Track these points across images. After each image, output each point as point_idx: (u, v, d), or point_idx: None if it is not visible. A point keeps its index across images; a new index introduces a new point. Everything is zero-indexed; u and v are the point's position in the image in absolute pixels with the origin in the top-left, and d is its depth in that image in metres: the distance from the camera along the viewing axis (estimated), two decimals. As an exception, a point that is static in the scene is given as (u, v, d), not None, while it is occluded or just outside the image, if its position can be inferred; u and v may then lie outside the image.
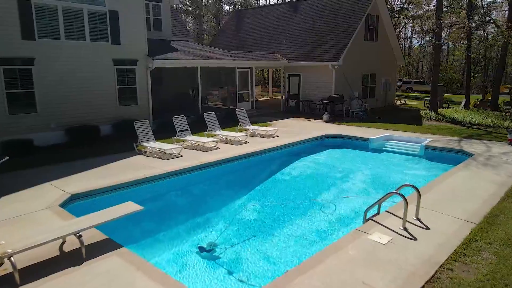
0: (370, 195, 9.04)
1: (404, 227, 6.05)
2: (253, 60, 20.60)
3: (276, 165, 11.50)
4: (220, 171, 10.48)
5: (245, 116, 15.53)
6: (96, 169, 9.81)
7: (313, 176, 10.57)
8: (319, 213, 7.93)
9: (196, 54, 18.03)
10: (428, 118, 20.16)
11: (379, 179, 10.23)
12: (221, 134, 13.65)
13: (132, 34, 15.24)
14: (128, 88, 15.44)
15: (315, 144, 13.88)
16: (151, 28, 18.58)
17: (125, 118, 15.03)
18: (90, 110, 14.23)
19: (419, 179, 10.11)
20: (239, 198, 8.90)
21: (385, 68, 24.74)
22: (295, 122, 18.43)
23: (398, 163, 11.72)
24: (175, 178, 9.52)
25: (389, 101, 25.69)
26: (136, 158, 11.07)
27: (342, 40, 20.67)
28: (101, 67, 14.44)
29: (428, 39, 60.06)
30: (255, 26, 27.61)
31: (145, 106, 16.02)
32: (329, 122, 18.28)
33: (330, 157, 12.62)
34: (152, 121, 16.24)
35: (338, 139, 14.43)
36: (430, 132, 15.46)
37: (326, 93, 20.51)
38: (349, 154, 13.03)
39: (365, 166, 11.40)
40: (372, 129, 16.06)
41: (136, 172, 9.35)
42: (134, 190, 8.65)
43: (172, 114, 16.58)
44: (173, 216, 8.16)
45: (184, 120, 13.34)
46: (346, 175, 10.53)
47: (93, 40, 14.13)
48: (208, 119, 14.21)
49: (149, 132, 12.24)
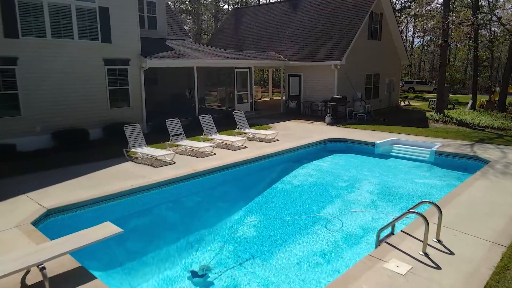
0: (379, 208, 8.23)
1: (425, 252, 5.24)
2: (252, 60, 19.78)
3: (276, 173, 10.68)
4: (215, 180, 9.66)
5: (243, 118, 14.72)
6: (80, 178, 8.99)
7: (316, 185, 9.75)
8: (324, 230, 7.11)
9: (192, 54, 17.22)
10: (434, 120, 19.36)
11: (387, 189, 9.40)
12: (217, 139, 12.83)
13: (124, 32, 14.42)
14: (120, 89, 14.62)
15: (317, 148, 13.07)
16: (145, 27, 17.77)
17: (117, 121, 14.22)
18: (79, 113, 13.42)
19: (432, 190, 9.30)
20: (236, 211, 8.08)
21: (389, 68, 23.93)
22: (296, 124, 17.62)
23: (407, 171, 10.90)
24: (166, 189, 8.70)
25: (393, 102, 24.87)
26: (125, 165, 10.25)
27: (345, 39, 19.85)
28: (90, 67, 13.62)
29: (430, 38, 59.35)
30: (254, 25, 26.79)
31: (138, 108, 15.20)
32: (331, 124, 17.47)
33: (333, 163, 11.80)
34: (146, 123, 15.45)
35: (342, 143, 13.61)
36: (438, 135, 14.65)
37: (328, 94, 19.70)
38: (354, 160, 12.21)
39: (371, 174, 10.58)
40: (377, 132, 15.25)
41: (123, 182, 8.53)
42: (120, 203, 7.83)
43: (168, 116, 15.85)
44: (163, 233, 7.34)
45: (178, 123, 12.52)
46: (351, 185, 9.71)
47: (82, 38, 13.31)
48: (204, 122, 13.39)
49: (140, 137, 11.43)
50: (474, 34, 23.14)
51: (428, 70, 61.79)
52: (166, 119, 12.94)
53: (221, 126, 16.12)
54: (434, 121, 19.29)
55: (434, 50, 61.32)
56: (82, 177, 9.08)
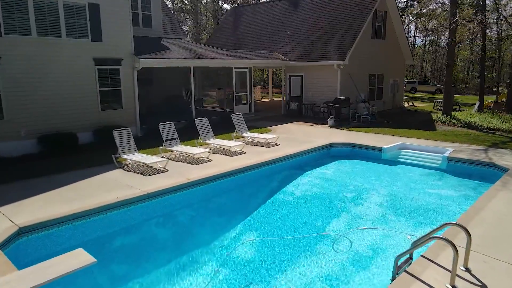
0: (390, 223, 7.44)
1: (453, 286, 4.46)
2: (252, 60, 19.00)
3: (276, 182, 9.89)
4: (210, 190, 8.87)
5: (242, 121, 13.93)
6: (62, 188, 8.20)
7: (320, 196, 8.95)
8: (330, 251, 6.32)
9: (189, 53, 16.43)
10: (441, 122, 18.58)
11: (398, 201, 8.61)
12: (214, 143, 12.04)
13: (116, 30, 13.63)
14: (112, 91, 13.83)
15: (320, 154, 12.28)
16: (139, 25, 16.97)
17: (108, 124, 13.44)
18: (67, 116, 12.63)
19: (447, 202, 8.51)
20: (233, 227, 7.29)
21: (393, 68, 23.14)
22: (297, 127, 16.84)
23: (418, 179, 10.10)
24: (156, 201, 7.91)
25: (397, 103, 24.08)
26: (113, 174, 9.46)
27: (348, 38, 19.06)
28: (80, 67, 12.84)
29: (431, 38, 58.58)
30: (254, 24, 26.00)
31: (131, 111, 14.41)
32: (334, 127, 16.69)
33: (338, 171, 11.00)
34: (139, 127, 14.67)
35: (346, 148, 12.82)
36: (447, 139, 13.86)
37: (331, 95, 18.91)
38: (360, 167, 11.41)
39: (380, 183, 9.78)
40: (383, 136, 14.47)
41: (108, 194, 7.75)
42: (103, 219, 7.04)
43: (163, 118, 15.16)
44: (151, 254, 6.55)
45: (172, 127, 11.73)
46: (358, 196, 8.92)
47: (70, 36, 12.52)
48: (200, 126, 12.60)
49: (131, 142, 10.64)
50: (481, 33, 22.34)
51: (430, 70, 61.05)
52: (161, 121, 12.21)
53: (219, 129, 15.36)
54: (441, 123, 18.50)
55: (436, 50, 60.65)
56: (65, 187, 8.29)
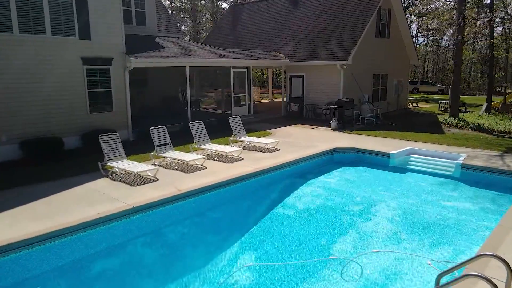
0: (404, 243, 6.62)
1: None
2: (251, 59, 18.17)
3: (277, 193, 9.06)
4: (204, 203, 8.05)
5: (239, 125, 13.10)
6: (37, 202, 7.38)
7: (324, 210, 8.11)
8: (339, 280, 5.49)
9: (184, 52, 15.61)
10: (449, 125, 17.77)
11: (411, 216, 7.78)
12: (209, 149, 11.22)
13: (106, 28, 12.81)
14: (102, 92, 13.00)
15: (324, 160, 11.45)
16: (132, 22, 16.14)
17: (98, 127, 12.61)
18: (53, 119, 11.80)
19: (466, 217, 7.68)
20: (228, 248, 6.46)
21: (397, 68, 22.31)
22: (298, 130, 16.01)
23: (430, 190, 9.26)
24: (142, 216, 7.08)
25: (401, 104, 23.25)
26: (98, 183, 8.64)
27: (351, 37, 18.24)
28: (66, 66, 12.01)
29: (433, 38, 57.77)
30: (253, 23, 25.18)
31: (122, 113, 13.58)
32: (337, 130, 15.86)
33: (343, 179, 10.17)
34: (131, 130, 13.83)
35: (351, 153, 11.99)
36: (458, 143, 13.05)
37: (333, 96, 18.09)
38: (367, 174, 10.58)
39: (389, 194, 8.95)
40: (389, 140, 13.65)
41: (90, 208, 6.93)
42: (81, 238, 6.22)
43: (157, 121, 14.46)
44: (134, 281, 5.73)
45: (164, 132, 10.90)
46: (366, 210, 8.08)
47: (56, 34, 11.69)
48: (194, 130, 11.76)
49: (119, 148, 9.80)
50: (489, 31, 21.53)
51: (432, 70, 60.23)
52: (155, 124, 11.43)
53: (216, 132, 14.55)
54: (449, 125, 17.70)
55: (438, 50, 59.86)
56: (40, 200, 7.46)
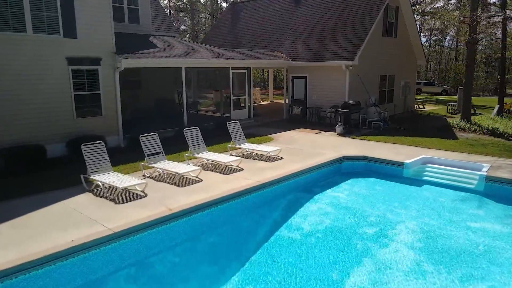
0: (430, 277, 5.59)
1: None
2: (251, 60, 17.17)
3: (279, 211, 8.04)
4: (197, 224, 7.05)
5: (239, 130, 12.10)
6: (2, 225, 6.38)
7: (334, 233, 7.09)
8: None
9: (180, 52, 14.61)
10: (461, 129, 16.77)
11: (434, 240, 6.75)
12: (206, 158, 10.22)
13: (94, 25, 11.82)
14: (89, 95, 12.02)
15: (331, 170, 10.45)
16: (125, 20, 15.15)
17: (85, 133, 11.65)
18: (34, 125, 10.81)
19: (499, 242, 6.66)
20: (226, 282, 5.46)
21: (404, 68, 21.30)
22: (302, 135, 15.00)
23: (452, 207, 8.23)
24: (126, 242, 6.08)
25: (408, 106, 22.24)
26: (79, 200, 7.65)
27: (357, 36, 17.23)
28: (50, 67, 11.02)
29: (435, 38, 56.73)
30: (253, 21, 24.17)
31: (112, 118, 12.59)
32: (343, 135, 14.86)
33: (353, 194, 9.15)
34: (122, 136, 12.83)
35: (360, 162, 10.99)
36: (475, 150, 12.05)
37: (338, 98, 17.08)
38: (379, 188, 9.57)
39: (406, 213, 7.93)
40: (400, 146, 12.65)
41: (64, 233, 5.93)
42: (51, 273, 5.21)
43: (151, 125, 13.68)
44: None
45: (155, 139, 9.89)
46: (383, 233, 7.07)
47: (38, 32, 10.70)
48: (189, 137, 10.74)
49: (104, 158, 8.81)
50: (502, 30, 20.52)
51: (435, 71, 59.19)
52: (149, 129, 10.48)
53: (213, 138, 13.59)
54: (461, 130, 16.70)
55: (441, 50, 58.80)
56: (7, 223, 6.46)
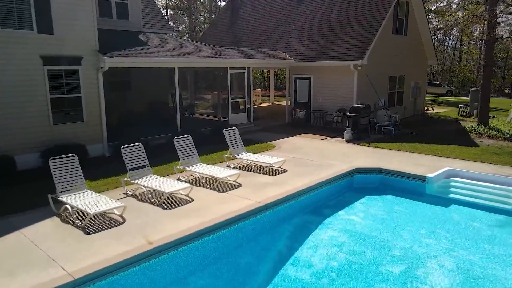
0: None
1: None
2: (251, 59, 15.81)
3: (284, 240, 6.67)
4: (185, 261, 5.69)
5: (237, 138, 10.75)
6: None
7: (351, 274, 5.70)
8: None
9: (172, 51, 13.27)
10: (479, 134, 15.42)
11: (478, 284, 5.40)
12: (198, 172, 8.85)
13: (73, 20, 10.48)
14: (69, 98, 10.68)
15: (341, 185, 9.10)
16: (112, 15, 13.80)
17: (64, 141, 10.35)
18: (2, 132, 9.46)
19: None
20: None
21: (415, 68, 19.94)
22: (306, 142, 13.65)
23: (491, 236, 6.87)
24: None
25: (418, 109, 20.88)
26: (41, 228, 6.31)
27: (366, 33, 15.88)
28: (22, 67, 9.68)
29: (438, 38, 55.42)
30: (253, 19, 22.81)
31: (95, 123, 11.24)
32: (352, 141, 13.52)
33: (370, 217, 7.78)
34: (107, 144, 11.48)
35: (375, 175, 9.65)
36: (504, 161, 10.70)
37: (345, 101, 15.73)
38: (399, 208, 8.20)
39: (436, 243, 6.56)
40: (418, 156, 11.31)
41: (9, 280, 4.59)
42: None
43: (141, 131, 12.39)
44: None
45: (139, 151, 8.53)
46: (412, 273, 5.67)
47: (7, 27, 9.36)
48: (180, 147, 9.38)
49: (76, 175, 7.45)
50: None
51: (438, 71, 57.87)
52: (140, 135, 9.22)
53: (209, 145, 12.33)
54: (479, 135, 15.35)
55: (445, 50, 57.47)
56: None
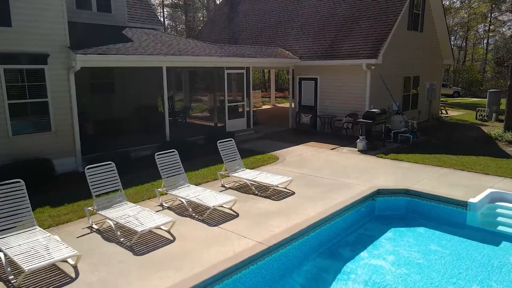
0: None
1: None
2: (250, 58, 14.06)
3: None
4: None
5: (233, 152, 9.00)
6: None
7: None
8: None
9: (160, 48, 11.55)
10: (507, 142, 13.70)
11: None
12: (184, 198, 7.09)
13: (37, 10, 8.76)
14: (32, 104, 8.95)
15: (361, 213, 7.35)
16: (92, 8, 12.07)
17: (25, 155, 8.64)
18: None
19: None
20: None
21: (430, 68, 18.22)
22: (314, 152, 11.90)
23: None
24: None
25: (433, 113, 19.14)
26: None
27: (379, 29, 14.15)
28: (-30, 67, 7.98)
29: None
30: (253, 14, 21.05)
31: (66, 133, 9.50)
32: (366, 152, 11.78)
33: (401, 261, 6.01)
34: (80, 157, 9.73)
35: (400, 197, 7.90)
36: (550, 179, 8.98)
37: (356, 105, 14.01)
38: (436, 248, 6.43)
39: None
40: (446, 170, 9.58)
41: None
42: None
43: (124, 142, 10.74)
44: None
45: (111, 171, 6.78)
46: None
47: (-50, 17, 7.65)
48: (163, 165, 7.59)
49: (24, 205, 5.72)
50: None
51: (446, 71, 56.14)
52: (121, 146, 7.58)
53: (202, 157, 10.71)
54: (507, 143, 13.63)
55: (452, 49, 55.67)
56: None
